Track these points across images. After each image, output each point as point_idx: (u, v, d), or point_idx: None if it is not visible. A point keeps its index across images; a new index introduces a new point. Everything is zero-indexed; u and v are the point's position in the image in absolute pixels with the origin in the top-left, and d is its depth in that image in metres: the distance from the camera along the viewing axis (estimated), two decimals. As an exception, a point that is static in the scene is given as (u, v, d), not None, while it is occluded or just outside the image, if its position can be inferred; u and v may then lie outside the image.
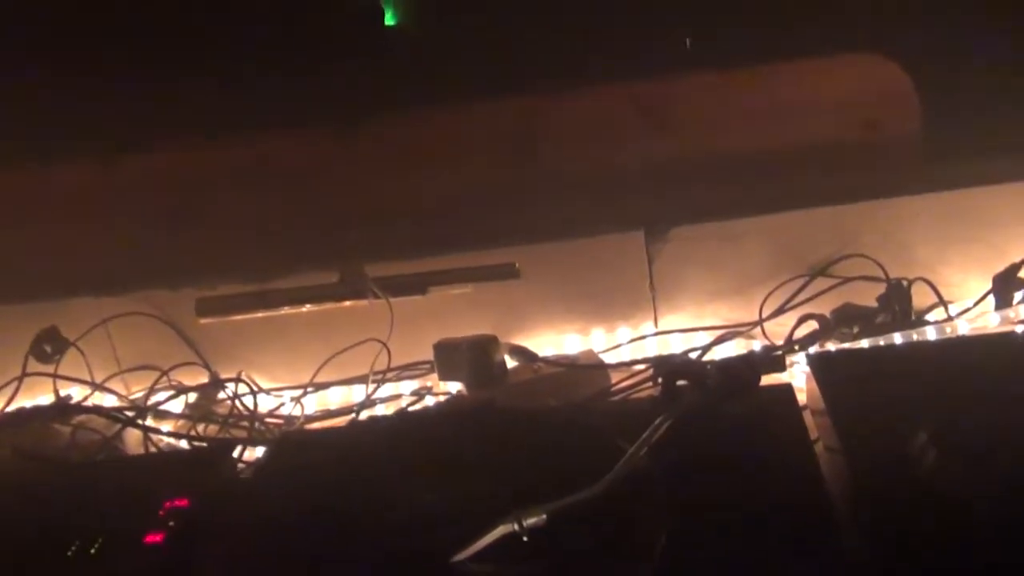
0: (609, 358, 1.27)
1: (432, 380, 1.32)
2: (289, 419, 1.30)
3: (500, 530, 0.76)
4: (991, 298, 1.16)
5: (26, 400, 1.32)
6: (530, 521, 0.76)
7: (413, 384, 1.34)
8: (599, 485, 0.79)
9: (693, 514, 0.80)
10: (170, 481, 1.01)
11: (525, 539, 0.75)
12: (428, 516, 0.86)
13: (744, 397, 0.91)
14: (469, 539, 0.78)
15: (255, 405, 1.27)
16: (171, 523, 0.93)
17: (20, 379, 1.30)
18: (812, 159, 1.27)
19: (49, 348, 1.33)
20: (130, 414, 1.26)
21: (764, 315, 1.25)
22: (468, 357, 1.22)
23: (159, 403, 1.30)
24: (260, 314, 1.33)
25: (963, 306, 1.19)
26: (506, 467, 0.92)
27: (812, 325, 1.18)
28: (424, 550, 0.81)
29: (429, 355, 1.26)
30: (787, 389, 0.98)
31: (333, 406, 1.34)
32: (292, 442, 1.10)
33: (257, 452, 1.18)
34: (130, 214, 1.37)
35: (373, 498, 0.91)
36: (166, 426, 1.30)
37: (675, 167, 1.30)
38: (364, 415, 1.27)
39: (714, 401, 0.89)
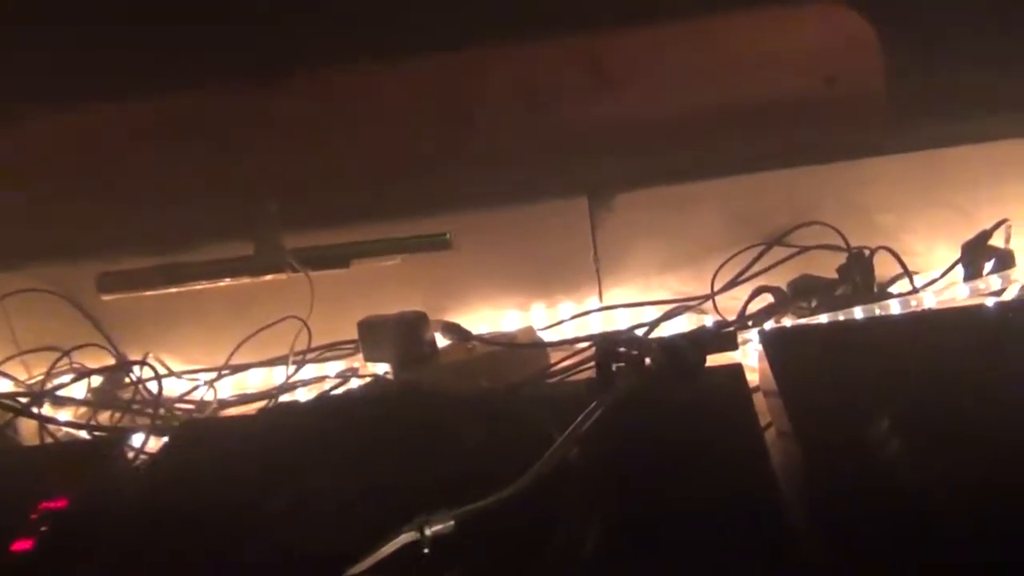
0: (551, 335, 1.17)
1: (358, 361, 1.21)
2: (201, 404, 1.19)
3: (402, 539, 0.66)
4: (959, 268, 1.08)
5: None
6: (436, 528, 0.66)
7: (338, 365, 1.23)
8: (515, 486, 0.69)
9: (626, 515, 0.71)
10: (51, 478, 0.90)
11: (426, 550, 0.65)
12: (334, 516, 0.76)
13: (688, 380, 0.81)
14: (373, 545, 0.69)
15: (160, 390, 1.15)
16: (43, 527, 0.82)
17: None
18: (769, 118, 1.17)
19: (-62, 328, 1.21)
20: (25, 400, 1.15)
21: (716, 288, 1.15)
22: (395, 336, 1.12)
23: (58, 388, 1.18)
24: (169, 290, 1.21)
25: (929, 277, 1.11)
26: (428, 459, 0.82)
27: (767, 299, 1.08)
28: (325, 558, 0.71)
29: (354, 334, 1.16)
30: (736, 370, 0.89)
31: (252, 390, 1.23)
32: (193, 431, 0.99)
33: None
34: (26, 180, 1.24)
35: (275, 496, 0.80)
36: (65, 414, 1.19)
37: (622, 128, 1.19)
38: (284, 400, 1.17)
39: (653, 385, 0.80)
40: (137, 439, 1.03)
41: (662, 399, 0.81)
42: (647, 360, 0.82)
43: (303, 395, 1.19)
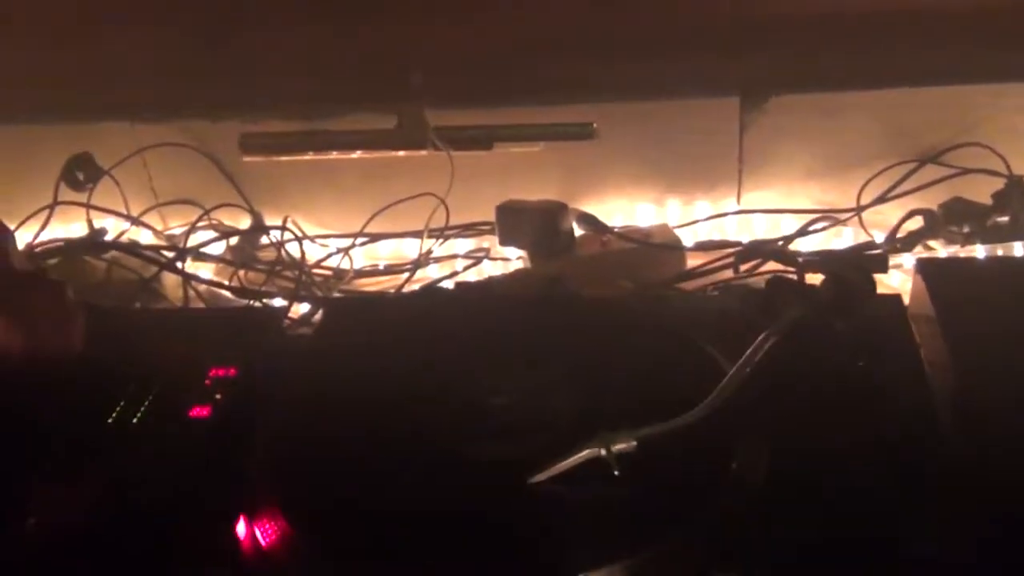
0: (685, 234, 1.17)
1: (490, 242, 1.23)
2: (338, 272, 1.22)
3: (586, 454, 0.69)
4: None
5: (57, 229, 1.24)
6: (619, 446, 0.69)
7: (469, 244, 1.25)
8: (697, 411, 0.71)
9: (793, 445, 0.72)
10: (216, 343, 0.94)
11: (616, 472, 0.68)
12: (500, 418, 0.79)
13: (856, 311, 0.81)
14: (541, 449, 0.71)
15: (302, 254, 1.18)
16: (218, 395, 0.86)
17: (52, 207, 1.21)
18: (936, 29, 1.11)
19: (82, 175, 1.24)
20: (169, 255, 1.18)
21: (863, 202, 1.13)
22: (534, 223, 1.13)
23: (199, 246, 1.21)
24: (309, 156, 1.22)
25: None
26: (582, 365, 0.83)
27: (917, 221, 1.07)
28: (496, 459, 0.74)
29: (488, 214, 1.17)
30: (895, 300, 0.89)
31: (383, 261, 1.25)
32: (346, 307, 1.01)
33: (302, 308, 1.11)
34: (174, 33, 1.23)
35: (442, 386, 0.83)
36: (205, 270, 1.22)
37: (782, 29, 1.14)
38: (418, 275, 1.19)
39: (824, 316, 0.80)
40: (295, 308, 1.07)
41: (824, 326, 0.81)
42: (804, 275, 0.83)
43: (435, 271, 1.21)
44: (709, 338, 0.84)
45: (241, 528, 0.72)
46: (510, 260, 1.21)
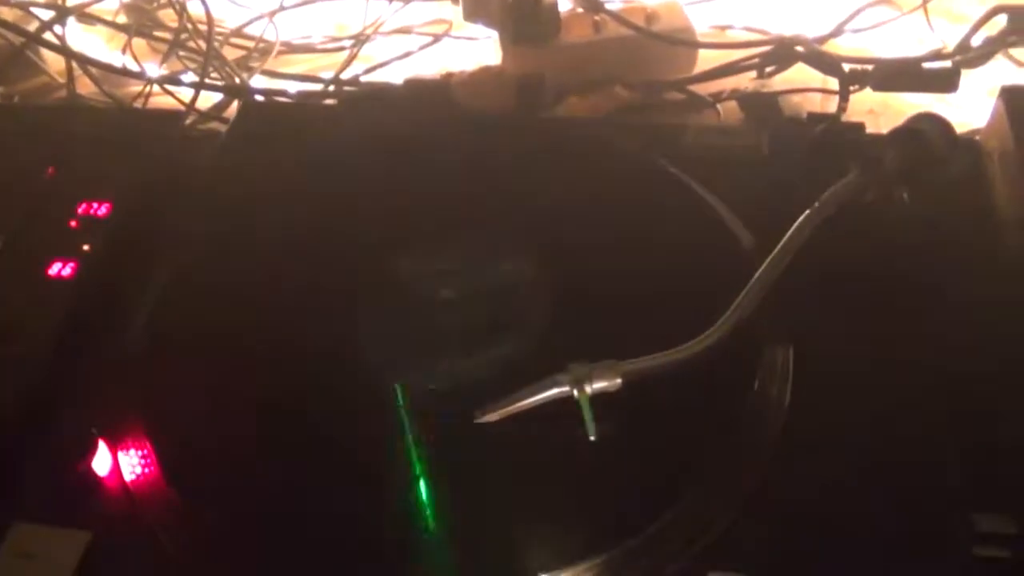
0: (697, 13, 0.92)
1: (454, 13, 0.98)
2: (261, 44, 0.97)
3: (553, 393, 0.51)
4: None
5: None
6: (599, 385, 0.50)
7: (426, 12, 1.00)
8: (709, 335, 0.52)
9: (837, 375, 0.55)
10: (88, 161, 0.72)
11: (591, 436, 0.49)
12: (444, 321, 0.59)
13: (928, 176, 0.61)
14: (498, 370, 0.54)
15: (209, 19, 0.91)
16: (86, 245, 0.66)
17: None
18: None
19: None
20: (45, 16, 0.93)
21: (930, -10, 0.88)
22: (508, -7, 0.87)
23: (83, 6, 0.95)
24: None
25: None
26: (561, 243, 0.63)
27: (1000, 22, 0.83)
28: (438, 388, 0.56)
29: (451, -21, 0.91)
30: (969, 149, 0.67)
31: (316, 32, 1.00)
32: (262, 115, 0.78)
33: (214, 97, 0.88)
34: None
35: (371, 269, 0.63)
36: (93, 35, 0.97)
37: None
38: (364, 52, 0.95)
39: (887, 186, 0.60)
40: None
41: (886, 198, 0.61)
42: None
43: (382, 49, 0.97)
44: (732, 200, 0.64)
45: (101, 458, 0.55)
46: (476, 40, 0.97)
